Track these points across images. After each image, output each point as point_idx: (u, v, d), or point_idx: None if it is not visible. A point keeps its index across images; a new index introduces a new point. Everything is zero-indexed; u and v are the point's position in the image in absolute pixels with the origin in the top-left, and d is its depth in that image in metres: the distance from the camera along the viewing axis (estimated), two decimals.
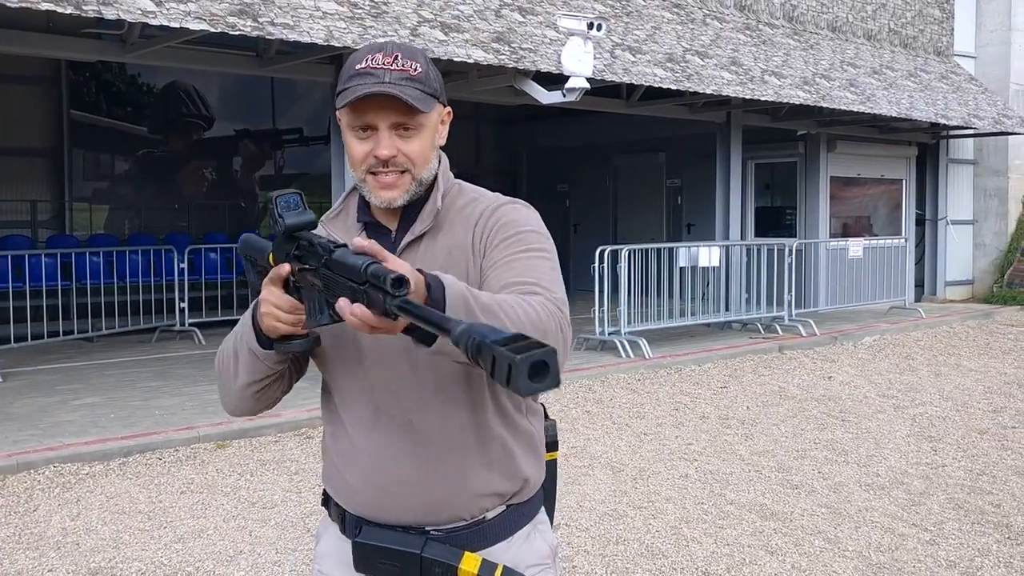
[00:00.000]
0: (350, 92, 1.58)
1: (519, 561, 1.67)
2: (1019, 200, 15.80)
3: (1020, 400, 7.94)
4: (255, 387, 1.67)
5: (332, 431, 1.74)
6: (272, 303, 1.53)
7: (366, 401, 1.66)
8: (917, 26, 14.59)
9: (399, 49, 1.60)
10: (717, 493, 5.28)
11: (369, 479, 1.66)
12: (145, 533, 4.60)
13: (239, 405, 1.73)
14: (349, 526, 1.70)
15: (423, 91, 1.59)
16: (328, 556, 1.77)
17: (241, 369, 1.65)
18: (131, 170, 14.32)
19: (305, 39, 7.07)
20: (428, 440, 1.63)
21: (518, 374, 1.13)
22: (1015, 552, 4.41)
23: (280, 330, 1.55)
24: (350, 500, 1.70)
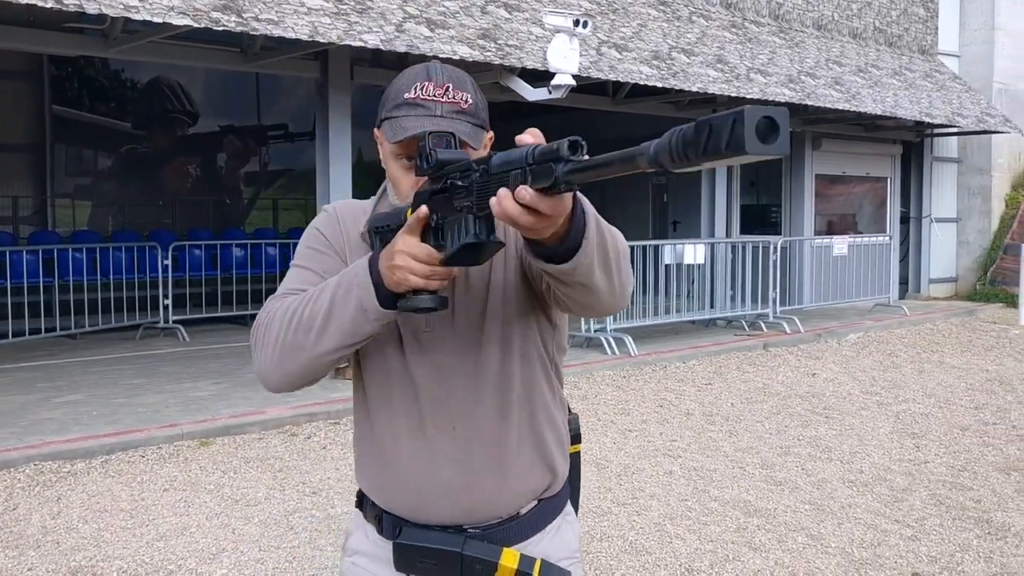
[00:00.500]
0: (399, 125, 1.56)
1: (551, 554, 1.72)
2: (1002, 198, 15.90)
3: (1001, 397, 7.99)
4: (343, 352, 1.54)
5: (371, 434, 1.72)
6: (407, 252, 1.42)
7: (410, 408, 1.66)
8: (902, 25, 14.65)
9: (449, 79, 1.58)
10: (701, 490, 5.29)
11: (411, 484, 1.67)
12: (127, 531, 4.58)
13: (304, 375, 1.58)
14: (387, 527, 1.71)
15: (474, 124, 1.59)
16: (362, 552, 1.77)
17: (333, 332, 1.50)
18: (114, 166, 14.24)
19: (290, 35, 7.03)
20: (471, 446, 1.65)
21: (744, 128, 1.00)
22: (995, 547, 4.43)
23: (411, 283, 1.42)
24: (390, 502, 1.70)
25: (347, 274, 1.52)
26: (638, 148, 1.12)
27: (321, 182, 8.90)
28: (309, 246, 1.71)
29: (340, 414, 6.80)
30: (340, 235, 1.71)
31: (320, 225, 1.73)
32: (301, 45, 7.68)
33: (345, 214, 1.73)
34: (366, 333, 1.51)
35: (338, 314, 1.50)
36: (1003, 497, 5.22)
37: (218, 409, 6.85)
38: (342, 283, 1.51)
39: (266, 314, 1.61)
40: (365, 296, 1.47)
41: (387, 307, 1.47)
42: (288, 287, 1.65)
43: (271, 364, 1.58)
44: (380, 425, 1.70)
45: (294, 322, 1.54)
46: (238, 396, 7.34)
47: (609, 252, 1.42)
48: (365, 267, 1.49)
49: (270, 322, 1.58)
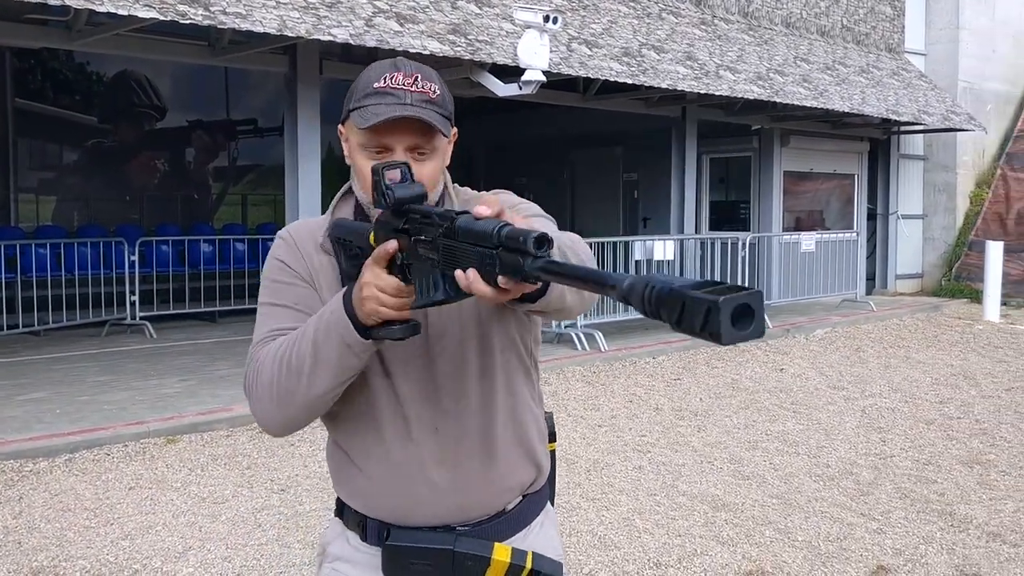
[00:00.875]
0: (369, 112, 1.56)
1: (538, 549, 1.72)
2: (967, 195, 16.11)
3: (966, 391, 8.10)
4: (338, 389, 1.56)
5: (349, 440, 1.70)
6: (376, 285, 1.43)
7: (394, 415, 1.65)
8: (869, 23, 14.79)
9: (417, 70, 1.59)
10: (670, 484, 5.32)
11: (398, 489, 1.65)
12: (91, 530, 4.52)
13: (304, 417, 1.60)
14: (372, 533, 1.69)
15: (442, 114, 1.59)
16: (344, 559, 1.74)
17: (323, 372, 1.52)
18: (80, 160, 14.06)
19: (258, 29, 6.97)
20: (457, 445, 1.65)
21: (720, 318, 1.00)
22: (957, 539, 4.49)
23: (382, 315, 1.44)
24: (375, 508, 1.69)
25: (324, 313, 1.53)
26: (612, 278, 1.14)
27: (290, 177, 8.85)
28: (275, 280, 1.69)
29: None
30: (302, 259, 1.69)
31: (280, 254, 1.70)
32: (269, 39, 7.62)
33: (302, 237, 1.71)
34: (355, 367, 1.53)
35: (324, 354, 1.50)
36: (966, 490, 5.29)
37: (185, 406, 6.78)
38: (320, 324, 1.52)
39: (254, 364, 1.61)
40: (345, 333, 1.48)
41: (368, 338, 1.49)
42: (267, 330, 1.64)
43: (271, 413, 1.60)
44: (363, 434, 1.68)
45: (283, 369, 1.55)
46: (205, 393, 7.27)
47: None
48: (340, 305, 1.50)
49: (259, 371, 1.59)
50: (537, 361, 1.79)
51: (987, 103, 16.19)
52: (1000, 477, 5.54)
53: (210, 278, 11.46)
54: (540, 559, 1.67)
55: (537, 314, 1.58)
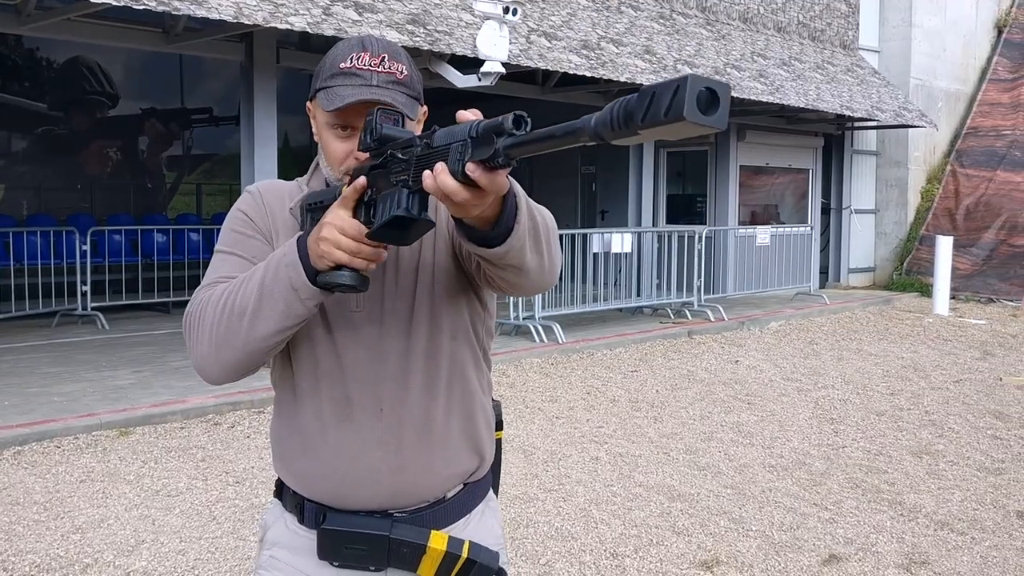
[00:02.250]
0: (334, 94, 1.54)
1: (476, 539, 1.71)
2: (918, 191, 16.40)
3: (916, 383, 8.26)
4: (281, 335, 1.50)
5: (296, 421, 1.68)
6: (336, 225, 1.39)
7: (338, 393, 1.62)
8: (825, 19, 14.97)
9: (384, 49, 1.57)
10: (626, 475, 5.36)
11: (337, 469, 1.63)
12: (40, 524, 4.44)
13: (244, 362, 1.53)
14: (309, 516, 1.67)
15: (409, 95, 1.57)
16: (281, 544, 1.72)
17: (266, 314, 1.47)
18: (29, 148, 13.77)
19: (213, 16, 6.87)
20: (399, 428, 1.63)
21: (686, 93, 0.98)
22: (907, 528, 4.58)
23: (335, 257, 1.39)
24: (314, 489, 1.66)
25: (276, 255, 1.49)
26: (579, 121, 1.12)
27: (246, 167, 8.74)
28: (234, 230, 1.66)
29: (264, 403, 6.71)
30: (266, 216, 1.66)
31: (245, 207, 1.68)
32: (225, 26, 7.52)
33: (270, 194, 1.69)
34: (299, 314, 1.48)
35: (269, 296, 1.46)
36: (915, 479, 5.39)
37: (138, 398, 6.69)
38: (271, 265, 1.48)
39: (197, 304, 1.56)
40: (295, 275, 1.44)
41: (317, 285, 1.45)
42: (217, 275, 1.60)
43: (208, 355, 1.53)
44: (306, 411, 1.65)
45: (226, 310, 1.50)
46: (159, 385, 7.18)
47: (540, 233, 1.44)
48: (294, 246, 1.46)
49: (203, 312, 1.54)
50: (488, 352, 1.78)
51: (938, 100, 16.49)
52: (948, 467, 5.66)
53: (164, 268, 11.30)
54: (477, 548, 1.66)
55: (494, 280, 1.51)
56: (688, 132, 1.06)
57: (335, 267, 1.42)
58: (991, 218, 15.61)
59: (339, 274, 1.41)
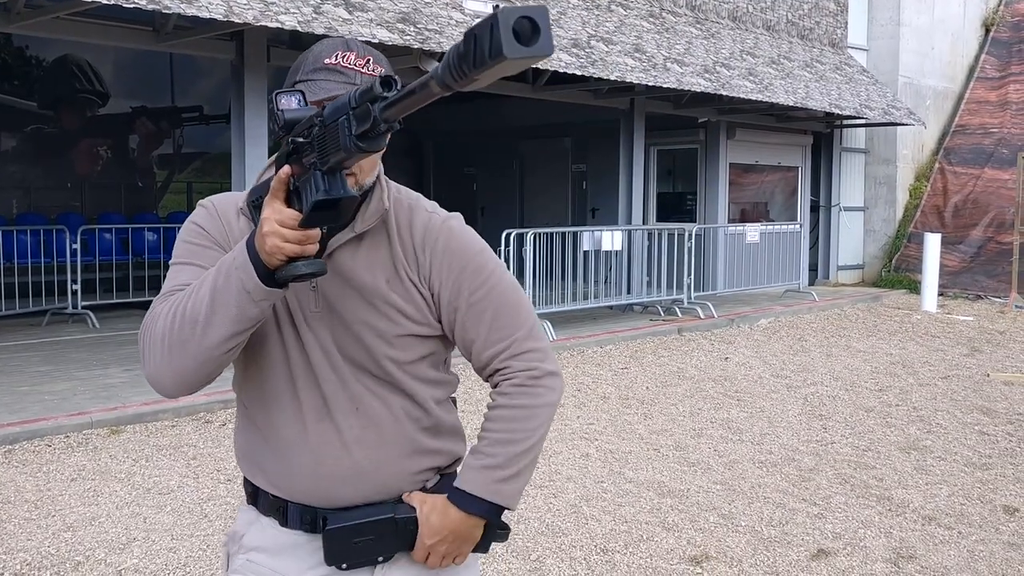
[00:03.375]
0: (319, 87, 1.54)
1: None
2: (906, 188, 16.48)
3: (904, 379, 8.31)
4: (235, 341, 1.49)
5: (265, 427, 1.68)
6: (275, 219, 1.39)
7: (312, 394, 1.63)
8: (813, 18, 15.03)
9: (369, 52, 1.59)
10: (616, 471, 5.39)
11: (320, 469, 1.64)
12: (32, 522, 4.45)
13: (198, 372, 1.52)
14: (294, 517, 1.67)
15: None
16: (260, 548, 1.71)
17: (219, 320, 1.46)
18: (19, 147, 13.72)
19: (204, 14, 6.87)
20: (376, 426, 1.65)
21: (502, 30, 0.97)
22: (894, 523, 4.63)
23: (285, 250, 1.39)
24: (296, 490, 1.66)
25: (227, 259, 1.49)
26: (429, 73, 1.14)
27: (237, 165, 8.74)
28: (188, 241, 1.65)
29: None
30: (221, 227, 1.65)
31: (198, 219, 1.67)
32: (216, 25, 7.51)
33: (224, 206, 1.68)
34: (253, 316, 1.47)
35: (221, 301, 1.45)
36: (903, 475, 5.44)
37: (129, 396, 6.69)
38: (221, 269, 1.48)
39: (151, 316, 1.55)
40: (246, 277, 1.43)
41: (270, 285, 1.44)
42: (171, 286, 1.59)
43: (161, 365, 1.52)
44: (281, 414, 1.65)
45: (178, 318, 1.49)
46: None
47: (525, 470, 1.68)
48: (243, 248, 1.46)
49: (155, 323, 1.53)
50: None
51: (926, 98, 16.57)
52: (936, 463, 5.71)
53: (154, 267, 11.29)
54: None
55: None
56: (524, 65, 1.04)
57: (289, 260, 1.41)
58: (979, 215, 15.70)
59: (296, 265, 1.41)
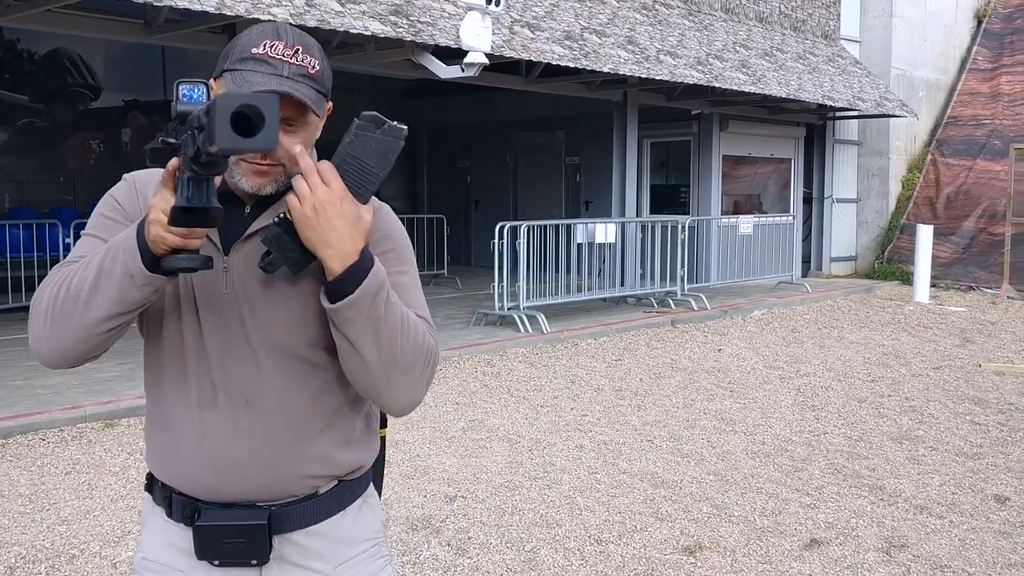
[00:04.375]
0: (241, 78, 1.51)
1: (350, 535, 1.69)
2: (899, 180, 16.51)
3: (896, 370, 8.34)
4: (114, 322, 1.48)
5: (160, 409, 1.64)
6: (160, 207, 1.37)
7: (202, 379, 1.58)
8: (806, 10, 15.04)
9: (299, 40, 1.54)
10: (610, 463, 5.41)
11: (202, 460, 1.58)
12: (26, 516, 4.45)
13: (76, 347, 1.51)
14: (177, 509, 1.62)
15: (318, 91, 1.54)
16: (154, 543, 1.67)
17: (100, 298, 1.45)
18: (10, 141, 13.67)
19: (195, 7, 6.85)
20: (265, 421, 1.58)
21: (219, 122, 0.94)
22: (887, 512, 4.65)
23: (167, 241, 1.37)
24: (181, 482, 1.62)
25: (117, 239, 1.47)
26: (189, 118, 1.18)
27: None
28: (101, 213, 1.64)
29: None
30: (136, 203, 1.63)
31: (116, 194, 1.65)
32: (208, 18, 7.50)
33: (145, 183, 1.66)
34: (135, 300, 1.46)
35: (105, 281, 1.45)
36: (895, 465, 5.47)
37: (123, 390, 6.69)
38: (111, 249, 1.46)
39: (44, 284, 1.54)
40: (131, 261, 1.42)
41: (154, 271, 1.42)
42: (72, 256, 1.58)
43: (41, 334, 1.51)
44: (172, 398, 1.62)
45: (63, 290, 1.49)
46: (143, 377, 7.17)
47: (394, 337, 1.49)
48: (133, 231, 1.44)
49: (44, 289, 1.52)
50: None
51: (918, 90, 16.60)
52: (928, 452, 5.74)
53: None
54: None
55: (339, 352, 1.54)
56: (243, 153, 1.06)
57: (173, 251, 1.40)
58: (971, 207, 15.74)
59: (177, 258, 1.39)
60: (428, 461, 5.37)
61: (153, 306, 1.56)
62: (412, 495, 4.77)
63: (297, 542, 1.64)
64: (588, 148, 15.06)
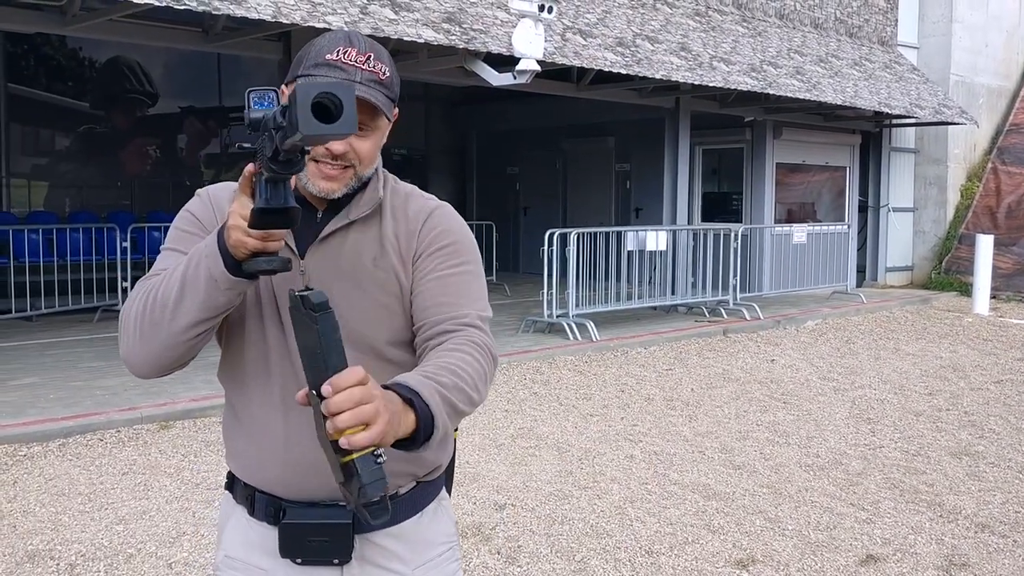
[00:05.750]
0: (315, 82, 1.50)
1: (431, 538, 1.71)
2: (957, 189, 16.17)
3: (954, 383, 8.16)
4: (202, 327, 1.53)
5: (241, 410, 1.69)
6: (240, 213, 1.40)
7: (289, 382, 1.61)
8: (862, 16, 14.81)
9: (371, 48, 1.58)
10: (661, 473, 5.36)
11: (285, 459, 1.62)
12: (85, 515, 4.54)
13: (165, 355, 1.55)
14: (260, 508, 1.66)
15: (388, 96, 1.59)
16: (236, 541, 1.71)
17: (189, 306, 1.49)
18: (72, 146, 13.99)
19: (252, 15, 6.95)
20: None
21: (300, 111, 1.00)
22: (946, 530, 4.54)
23: (248, 245, 1.41)
24: (263, 478, 1.66)
25: (200, 246, 1.51)
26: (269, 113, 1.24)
27: None
28: (179, 228, 1.69)
29: None
30: (213, 215, 1.68)
31: (192, 208, 1.71)
32: (264, 26, 7.60)
33: (219, 196, 1.71)
34: (221, 304, 1.50)
35: (191, 288, 1.48)
36: (955, 481, 5.34)
37: (178, 392, 6.79)
38: (194, 256, 1.50)
39: (130, 298, 1.59)
40: (213, 265, 1.45)
41: (236, 275, 1.45)
42: (155, 270, 1.62)
43: (133, 345, 1.56)
44: (256, 398, 1.66)
45: (150, 300, 1.53)
46: (199, 379, 7.26)
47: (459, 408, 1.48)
48: (214, 238, 1.48)
49: (132, 303, 1.57)
50: None
51: (979, 97, 16.25)
52: (989, 469, 5.60)
53: None
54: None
55: None
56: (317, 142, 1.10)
57: (253, 254, 1.42)
58: None
59: (258, 261, 1.42)
60: (477, 468, 5.37)
61: (235, 311, 1.60)
62: (462, 502, 4.77)
63: (378, 543, 1.67)
64: (639, 154, 14.98)
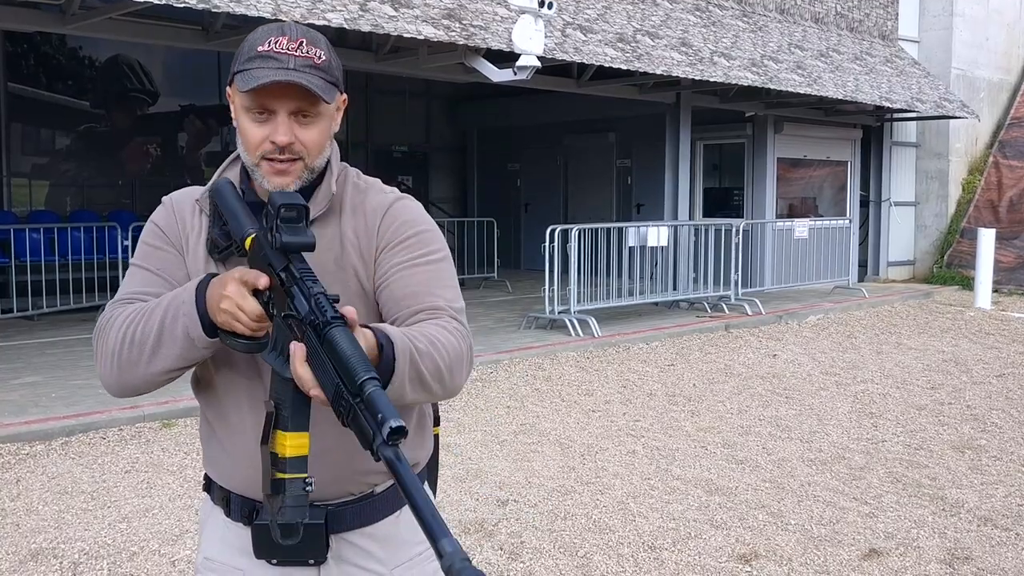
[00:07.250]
0: (251, 76, 1.54)
1: (409, 537, 1.69)
2: (959, 183, 16.15)
3: (957, 377, 8.15)
4: (177, 372, 1.58)
5: (215, 415, 1.69)
6: (237, 303, 1.45)
7: (255, 378, 1.62)
8: (863, 10, 14.79)
9: (303, 34, 1.58)
10: (663, 469, 5.36)
11: (255, 461, 1.59)
12: (88, 513, 4.54)
13: (141, 387, 1.60)
14: (235, 509, 1.67)
15: (326, 80, 1.57)
16: (214, 543, 1.72)
17: (164, 354, 1.53)
18: (72, 145, 13.98)
19: (252, 13, 6.94)
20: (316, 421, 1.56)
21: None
22: (948, 523, 4.54)
23: (236, 328, 1.46)
24: (236, 480, 1.66)
25: (176, 298, 1.53)
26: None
27: None
28: (144, 242, 1.69)
29: None
30: (176, 226, 1.68)
31: (157, 219, 1.70)
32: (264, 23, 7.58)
33: (182, 203, 1.70)
34: (197, 357, 1.55)
35: (168, 339, 1.52)
36: (957, 474, 5.34)
37: (181, 390, 6.72)
38: (172, 306, 1.53)
39: (105, 320, 1.60)
40: (191, 326, 1.50)
41: (213, 336, 1.50)
42: (126, 291, 1.64)
43: (111, 376, 1.59)
44: (227, 400, 1.66)
45: (127, 339, 1.55)
46: None
47: (426, 378, 1.47)
48: (192, 295, 1.51)
49: (108, 332, 1.58)
50: None
51: (980, 90, 16.23)
52: (991, 462, 5.59)
53: None
54: None
55: None
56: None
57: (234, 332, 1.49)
58: None
59: (238, 342, 1.49)
60: (480, 464, 5.37)
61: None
62: (464, 498, 4.77)
63: (354, 542, 1.66)
64: (640, 150, 14.97)
